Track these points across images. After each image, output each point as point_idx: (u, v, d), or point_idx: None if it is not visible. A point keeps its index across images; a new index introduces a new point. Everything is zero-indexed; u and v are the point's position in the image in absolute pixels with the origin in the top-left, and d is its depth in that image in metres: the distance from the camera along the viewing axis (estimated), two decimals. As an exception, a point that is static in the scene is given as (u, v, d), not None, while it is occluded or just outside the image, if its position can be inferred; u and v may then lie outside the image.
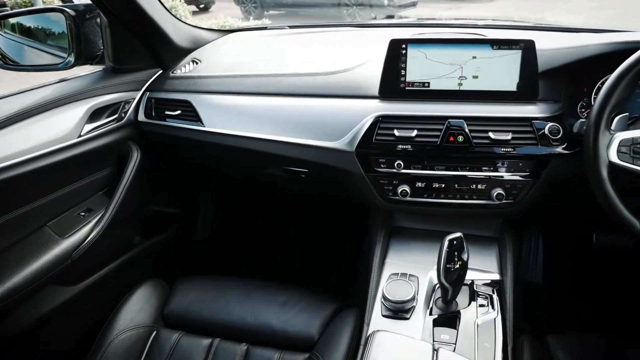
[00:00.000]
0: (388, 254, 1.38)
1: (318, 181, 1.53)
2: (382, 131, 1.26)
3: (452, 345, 1.08)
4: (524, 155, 1.23)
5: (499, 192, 1.25)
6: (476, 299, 1.20)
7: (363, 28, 1.93)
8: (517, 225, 1.44)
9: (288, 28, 1.92)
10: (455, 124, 1.23)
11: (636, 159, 1.03)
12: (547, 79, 1.27)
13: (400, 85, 1.29)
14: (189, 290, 1.34)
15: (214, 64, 1.61)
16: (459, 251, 1.08)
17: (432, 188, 1.29)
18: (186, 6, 7.12)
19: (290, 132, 1.36)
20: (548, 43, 1.30)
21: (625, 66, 1.03)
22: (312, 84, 1.41)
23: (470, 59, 1.25)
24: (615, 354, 1.11)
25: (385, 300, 1.17)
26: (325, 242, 2.16)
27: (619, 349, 1.12)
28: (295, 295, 1.30)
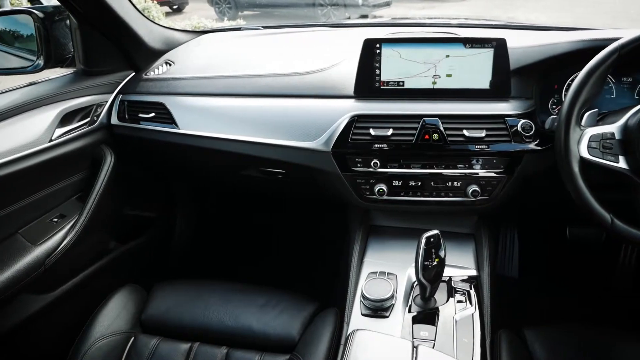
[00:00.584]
0: (366, 253, 1.39)
1: (295, 182, 1.52)
2: (358, 130, 1.26)
3: (431, 341, 1.08)
4: (498, 152, 1.24)
5: (475, 188, 1.27)
6: (454, 295, 1.21)
7: (337, 28, 1.93)
8: (492, 221, 1.46)
9: (262, 28, 1.91)
10: (430, 122, 1.24)
11: (606, 154, 1.05)
12: (519, 76, 1.29)
13: (375, 84, 1.30)
14: (167, 294, 1.32)
15: (188, 66, 1.59)
16: (436, 248, 1.09)
17: (408, 186, 1.30)
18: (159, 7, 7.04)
19: (266, 133, 1.35)
20: (519, 41, 1.32)
21: (593, 63, 1.05)
22: (287, 84, 1.41)
23: (443, 57, 1.27)
24: (591, 345, 1.13)
25: (365, 299, 1.17)
26: (304, 243, 2.16)
27: (594, 340, 1.15)
28: (275, 297, 1.30)
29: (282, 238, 2.25)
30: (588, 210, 1.06)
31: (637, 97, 1.32)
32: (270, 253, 2.20)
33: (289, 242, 2.22)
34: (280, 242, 2.24)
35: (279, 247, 2.22)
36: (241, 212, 2.33)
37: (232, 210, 2.32)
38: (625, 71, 1.31)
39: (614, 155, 1.05)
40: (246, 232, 2.30)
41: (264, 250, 2.22)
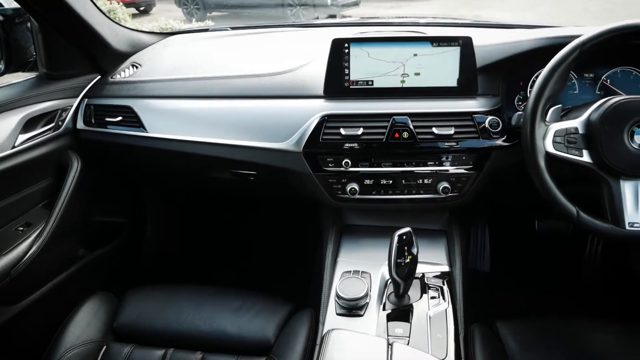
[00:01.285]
0: (340, 252, 1.39)
1: (267, 183, 1.52)
2: (329, 130, 1.26)
3: (406, 338, 1.09)
4: (467, 148, 1.26)
5: (445, 185, 1.28)
6: (427, 292, 1.22)
7: (306, 28, 1.93)
8: (463, 216, 1.48)
9: (230, 29, 1.90)
10: (399, 120, 1.25)
11: (570, 148, 1.08)
12: (486, 74, 1.31)
13: (345, 84, 1.30)
14: (139, 301, 1.30)
15: (155, 68, 1.57)
16: (408, 246, 1.10)
17: (380, 185, 1.31)
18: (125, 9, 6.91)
19: (236, 134, 1.34)
20: (485, 39, 1.34)
21: (556, 60, 1.08)
22: (256, 85, 1.40)
23: (411, 56, 1.28)
24: (561, 335, 1.16)
25: (339, 299, 1.18)
26: (278, 244, 2.15)
27: (564, 330, 1.17)
28: (249, 300, 1.29)
29: (255, 240, 2.24)
30: (555, 204, 1.08)
31: (598, 92, 1.35)
32: (243, 255, 2.18)
33: (262, 243, 2.21)
34: (254, 244, 2.22)
35: (252, 249, 2.21)
36: (213, 214, 2.31)
37: (203, 213, 2.30)
38: (587, 67, 1.35)
39: (578, 149, 1.08)
40: (219, 235, 2.28)
41: (237, 252, 2.20)
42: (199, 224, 2.29)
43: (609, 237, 1.08)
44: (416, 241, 1.12)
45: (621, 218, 1.05)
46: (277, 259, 2.07)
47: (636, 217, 1.04)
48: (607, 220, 1.06)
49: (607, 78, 1.34)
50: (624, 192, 1.05)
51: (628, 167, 1.04)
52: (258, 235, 2.25)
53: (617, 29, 1.04)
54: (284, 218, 2.15)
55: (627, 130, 1.04)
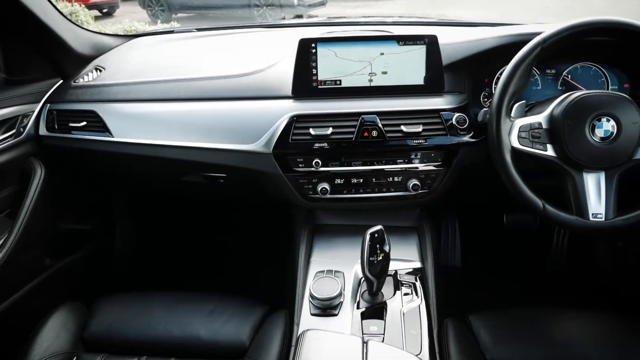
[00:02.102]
0: (313, 252, 1.39)
1: (238, 185, 1.51)
2: (298, 131, 1.26)
3: (380, 335, 1.10)
4: (435, 145, 1.28)
5: (415, 182, 1.30)
6: (400, 288, 1.23)
7: (273, 28, 1.92)
8: (434, 213, 1.50)
9: (196, 31, 1.87)
10: (368, 119, 1.26)
11: (535, 143, 1.10)
12: (451, 71, 1.33)
13: (313, 84, 1.30)
14: (110, 309, 1.27)
15: (120, 71, 1.54)
16: (380, 243, 1.11)
17: (351, 184, 1.31)
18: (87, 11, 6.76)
19: (205, 137, 1.33)
20: (450, 38, 1.36)
21: (518, 57, 1.10)
22: (224, 86, 1.39)
23: (378, 55, 1.29)
24: (531, 325, 1.18)
25: (313, 299, 1.17)
26: (251, 246, 2.14)
27: (533, 320, 1.20)
28: (222, 303, 1.28)
29: (229, 242, 2.22)
30: (521, 197, 1.10)
31: (560, 88, 1.39)
32: (217, 259, 2.16)
33: (235, 246, 2.19)
34: (227, 247, 2.21)
35: (225, 252, 2.19)
36: (184, 218, 2.28)
37: (175, 217, 2.27)
38: (548, 64, 1.38)
39: (542, 143, 1.10)
40: (191, 239, 2.25)
41: (210, 256, 2.18)
42: (170, 228, 2.26)
43: (573, 228, 1.11)
44: (388, 239, 1.13)
45: (585, 209, 1.08)
46: (251, 261, 2.06)
47: (599, 208, 1.07)
48: (572, 212, 1.09)
49: (568, 74, 1.38)
50: (586, 184, 1.08)
51: (590, 159, 1.07)
52: (231, 238, 2.23)
53: (575, 26, 1.07)
54: (256, 219, 2.14)
55: (588, 124, 1.07)
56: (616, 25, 1.06)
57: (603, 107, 1.07)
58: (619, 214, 1.08)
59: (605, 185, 1.08)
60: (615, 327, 1.17)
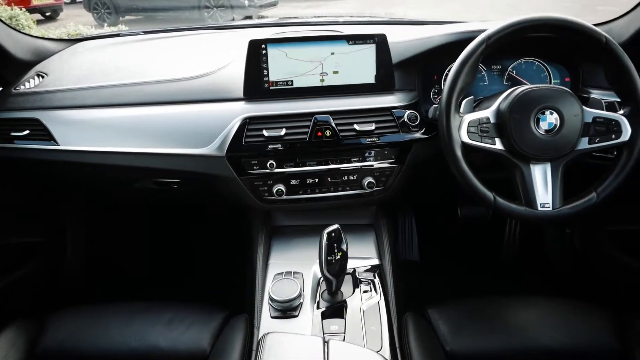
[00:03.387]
0: (271, 255, 1.38)
1: (192, 190, 1.48)
2: (251, 133, 1.25)
3: (341, 334, 1.10)
4: (388, 143, 1.29)
5: (370, 180, 1.31)
6: (359, 286, 1.24)
7: (223, 30, 1.90)
8: (390, 209, 1.51)
9: (143, 34, 1.83)
10: (321, 119, 1.26)
11: (484, 137, 1.13)
12: (402, 69, 1.35)
13: (264, 85, 1.30)
14: (63, 324, 1.22)
15: (64, 77, 1.48)
16: (338, 242, 1.12)
17: (306, 184, 1.31)
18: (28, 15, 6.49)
19: (155, 142, 1.29)
20: (399, 36, 1.38)
21: (465, 54, 1.13)
22: (174, 90, 1.36)
23: (329, 55, 1.29)
24: (487, 315, 1.21)
25: (273, 302, 1.17)
26: (208, 251, 2.10)
27: (489, 310, 1.23)
28: (181, 311, 1.25)
29: (185, 249, 2.18)
30: (472, 191, 1.13)
31: (506, 83, 1.43)
32: (173, 266, 2.12)
33: (192, 252, 2.15)
34: (184, 254, 2.16)
35: (182, 258, 2.15)
36: (138, 226, 2.22)
37: (128, 225, 2.20)
38: (494, 60, 1.42)
39: (491, 137, 1.13)
40: (145, 247, 2.20)
41: (166, 264, 2.13)
42: (123, 237, 2.19)
43: (523, 218, 1.14)
44: (345, 237, 1.13)
45: (533, 200, 1.11)
46: (209, 266, 2.03)
47: (546, 198, 1.11)
48: (521, 203, 1.13)
49: (513, 69, 1.42)
50: (534, 175, 1.12)
51: (536, 151, 1.11)
52: (187, 244, 2.19)
53: (517, 23, 1.11)
54: (212, 224, 2.11)
55: (533, 117, 1.11)
56: (554, 22, 1.10)
57: (546, 101, 1.11)
58: (566, 203, 1.12)
59: (552, 175, 1.12)
60: (564, 312, 1.22)
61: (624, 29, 1.34)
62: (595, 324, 1.17)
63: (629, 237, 1.63)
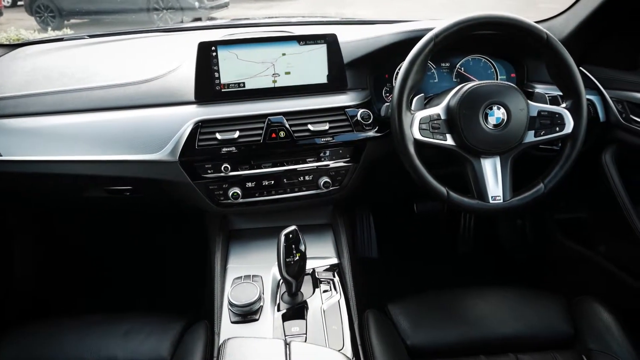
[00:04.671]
0: (229, 259, 1.37)
1: (145, 196, 1.45)
2: (204, 136, 1.23)
3: (303, 335, 1.10)
4: (343, 142, 1.30)
5: (326, 180, 1.31)
6: (319, 286, 1.24)
7: (172, 32, 1.86)
8: (347, 208, 1.52)
9: (88, 37, 1.77)
10: (275, 120, 1.26)
11: (435, 134, 1.15)
12: (353, 69, 1.36)
13: (216, 87, 1.28)
14: (13, 342, 1.17)
15: (4, 84, 1.41)
16: (295, 244, 1.11)
17: (262, 186, 1.30)
18: (-35, 20, 6.18)
19: (105, 149, 1.25)
20: (349, 36, 1.39)
21: (414, 52, 1.14)
22: (122, 95, 1.32)
23: (280, 56, 1.29)
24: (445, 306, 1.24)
25: (232, 306, 1.15)
26: (166, 258, 2.06)
27: (447, 301, 1.26)
28: (139, 321, 1.22)
29: (141, 257, 2.12)
30: (426, 186, 1.15)
31: (455, 80, 1.46)
32: (130, 275, 2.06)
33: (149, 260, 2.10)
34: (140, 262, 2.11)
35: (139, 267, 2.09)
36: (90, 236, 2.15)
37: (79, 236, 2.13)
38: (443, 57, 1.45)
39: (442, 133, 1.16)
40: (99, 257, 2.13)
41: (122, 273, 2.07)
42: (75, 248, 2.12)
43: (476, 211, 1.18)
44: (303, 238, 1.13)
45: (485, 193, 1.15)
46: (166, 274, 1.98)
47: (497, 190, 1.15)
48: (474, 196, 1.16)
49: (461, 66, 1.46)
50: (484, 169, 1.15)
51: (486, 146, 1.14)
52: (144, 252, 2.13)
53: (464, 21, 1.13)
54: (168, 230, 2.07)
55: (482, 112, 1.14)
56: (498, 20, 1.14)
57: (493, 96, 1.14)
58: (515, 195, 1.16)
59: (501, 169, 1.15)
60: (519, 301, 1.26)
61: (563, 26, 1.39)
62: (548, 310, 1.21)
63: (574, 224, 1.70)
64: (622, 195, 1.31)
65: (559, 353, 1.11)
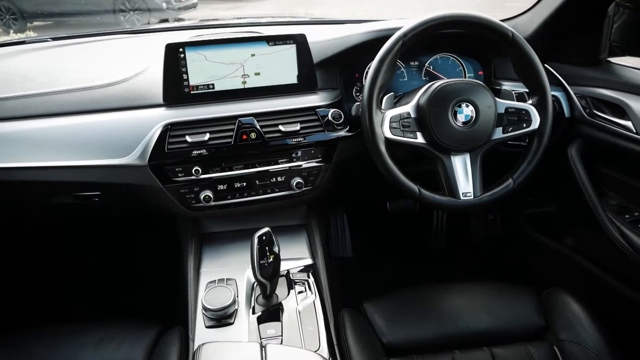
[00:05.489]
0: (202, 263, 1.35)
1: (115, 202, 1.42)
2: (174, 139, 1.21)
3: (279, 337, 1.10)
4: (314, 142, 1.30)
5: (298, 180, 1.31)
6: (294, 287, 1.24)
7: (138, 34, 1.83)
8: (320, 208, 1.52)
9: (51, 40, 1.72)
10: (245, 121, 1.24)
11: (406, 132, 1.16)
12: (323, 68, 1.36)
13: (185, 89, 1.26)
14: None
15: None
16: (269, 245, 1.11)
17: (234, 188, 1.29)
18: None
19: (71, 154, 1.22)
20: (319, 36, 1.39)
21: (382, 52, 1.15)
22: (88, 99, 1.29)
23: (249, 56, 1.28)
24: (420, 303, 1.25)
25: (207, 311, 1.14)
26: (137, 264, 2.02)
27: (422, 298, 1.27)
28: (111, 329, 1.20)
29: (114, 263, 2.08)
30: (398, 185, 1.16)
31: (424, 78, 1.48)
32: (102, 282, 2.02)
33: (121, 266, 2.06)
34: (111, 268, 2.07)
35: (111, 274, 2.05)
36: (60, 244, 2.09)
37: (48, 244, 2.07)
38: (412, 56, 1.47)
39: (412, 132, 1.16)
40: (70, 265, 2.08)
41: (94, 280, 2.03)
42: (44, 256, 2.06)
43: (448, 208, 1.19)
44: (276, 239, 1.13)
45: (456, 190, 1.16)
46: (139, 279, 1.95)
47: (467, 187, 1.16)
48: (445, 193, 1.17)
49: (430, 65, 1.47)
50: (455, 166, 1.17)
51: (456, 143, 1.15)
52: (116, 258, 2.09)
53: (431, 20, 1.14)
54: (140, 235, 2.03)
55: (451, 110, 1.15)
56: (465, 19, 1.15)
57: (462, 94, 1.16)
58: (485, 191, 1.18)
59: (471, 165, 1.17)
60: (492, 295, 1.28)
61: (528, 24, 1.42)
62: (520, 303, 1.24)
63: (543, 218, 1.73)
64: (588, 188, 1.34)
65: (532, 345, 1.13)
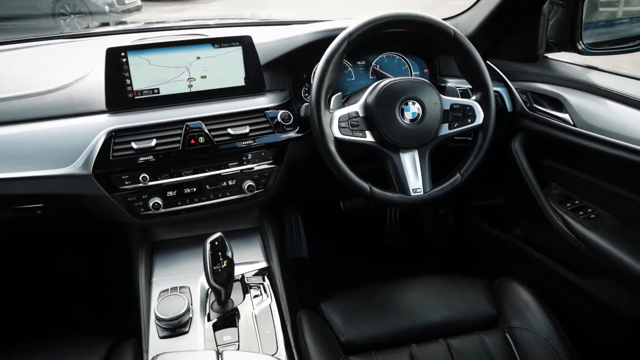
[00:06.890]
0: (154, 272, 1.32)
1: (60, 214, 1.36)
2: (119, 146, 1.18)
3: (235, 343, 1.08)
4: (265, 144, 1.29)
5: (250, 183, 1.30)
6: (249, 291, 1.23)
7: (79, 39, 1.76)
8: (274, 210, 1.51)
9: (-20, 46, 1.64)
10: (193, 126, 1.22)
11: (355, 131, 1.17)
12: (271, 70, 1.35)
13: (128, 95, 1.23)
14: None
15: None
16: (222, 250, 1.09)
17: (184, 194, 1.26)
18: None
19: (8, 165, 1.16)
20: (265, 37, 1.38)
21: (328, 52, 1.15)
22: (25, 107, 1.23)
23: (194, 59, 1.26)
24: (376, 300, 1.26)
25: (160, 321, 1.11)
26: (87, 276, 1.95)
27: (378, 295, 1.28)
28: (61, 345, 1.15)
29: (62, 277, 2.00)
30: (349, 183, 1.17)
31: (371, 77, 1.49)
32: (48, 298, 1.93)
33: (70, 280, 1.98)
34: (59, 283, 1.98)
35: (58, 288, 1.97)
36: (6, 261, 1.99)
37: None
38: (358, 55, 1.48)
39: (361, 131, 1.17)
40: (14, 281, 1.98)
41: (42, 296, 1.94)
42: None
43: (399, 205, 1.21)
44: (229, 244, 1.11)
45: (406, 186, 1.18)
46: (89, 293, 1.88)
47: (417, 183, 1.18)
48: (395, 190, 1.19)
49: (376, 64, 1.49)
50: (404, 163, 1.18)
51: (404, 140, 1.17)
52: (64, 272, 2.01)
53: (375, 20, 1.16)
54: (88, 247, 1.96)
55: (398, 108, 1.17)
56: (408, 18, 1.17)
57: (408, 92, 1.17)
58: (435, 186, 1.20)
59: (420, 162, 1.19)
60: (446, 287, 1.31)
61: (469, 22, 1.46)
62: (472, 294, 1.27)
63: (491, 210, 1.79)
64: (531, 179, 1.39)
65: (485, 333, 1.16)
